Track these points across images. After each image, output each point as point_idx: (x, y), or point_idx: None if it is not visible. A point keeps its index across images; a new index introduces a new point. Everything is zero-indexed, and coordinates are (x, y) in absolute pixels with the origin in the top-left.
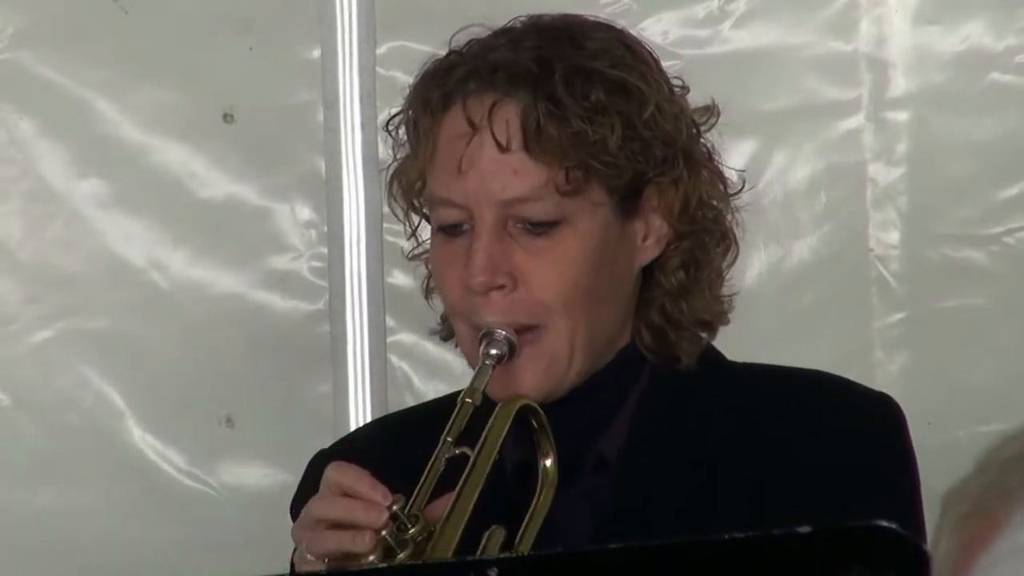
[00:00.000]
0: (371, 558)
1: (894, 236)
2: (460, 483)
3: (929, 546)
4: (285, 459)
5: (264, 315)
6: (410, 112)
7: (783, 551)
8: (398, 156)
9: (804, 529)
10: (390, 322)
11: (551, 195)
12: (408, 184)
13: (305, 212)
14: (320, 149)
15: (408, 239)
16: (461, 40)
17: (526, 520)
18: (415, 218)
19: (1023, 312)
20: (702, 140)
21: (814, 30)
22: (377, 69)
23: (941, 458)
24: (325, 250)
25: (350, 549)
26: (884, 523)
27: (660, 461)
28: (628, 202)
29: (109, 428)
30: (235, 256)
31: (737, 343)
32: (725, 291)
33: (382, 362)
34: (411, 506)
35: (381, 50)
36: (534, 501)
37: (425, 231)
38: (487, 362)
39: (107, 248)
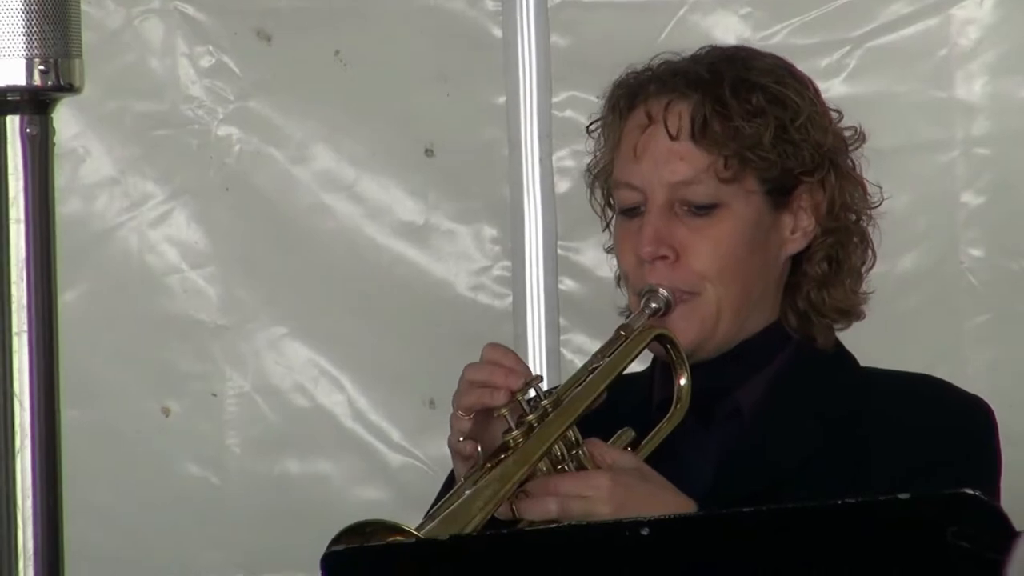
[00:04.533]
0: (503, 411)
1: (980, 251)
2: (581, 384)
3: None
4: None
5: (460, 314)
6: (604, 114)
7: (887, 515)
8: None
9: (904, 496)
10: (563, 322)
11: (711, 179)
12: (602, 177)
13: (492, 231)
14: (505, 179)
15: (603, 231)
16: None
17: (657, 428)
18: (609, 213)
19: None
20: (849, 157)
21: (916, 80)
22: (553, 113)
23: (1021, 435)
24: (508, 263)
25: (487, 403)
26: (971, 491)
27: (787, 418)
28: (780, 197)
29: (333, 408)
30: (434, 266)
31: (855, 340)
32: (863, 290)
33: (556, 355)
34: (546, 399)
35: (557, 98)
36: (669, 412)
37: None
38: (645, 310)
39: (329, 260)
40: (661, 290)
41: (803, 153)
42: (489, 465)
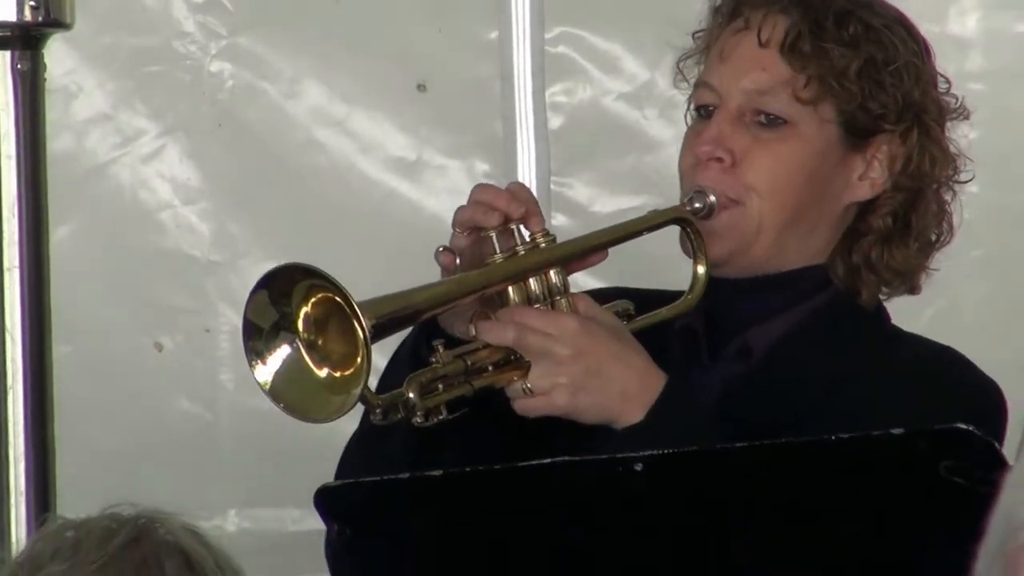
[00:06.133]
0: (491, 233)
1: (974, 186)
2: (540, 248)
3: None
4: None
5: None
6: (708, 21)
7: (881, 449)
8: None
9: (898, 431)
10: None
11: (787, 95)
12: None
13: (484, 167)
14: (497, 115)
15: None
16: None
17: (658, 310)
18: None
19: None
20: (942, 125)
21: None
22: (546, 48)
23: (1012, 371)
24: None
25: (479, 221)
26: (964, 426)
27: (795, 368)
28: (855, 138)
29: None
30: (426, 201)
31: None
32: (929, 265)
33: None
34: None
35: (550, 34)
36: (680, 299)
37: None
38: (686, 207)
39: (321, 195)
40: (709, 194)
41: (888, 98)
42: None
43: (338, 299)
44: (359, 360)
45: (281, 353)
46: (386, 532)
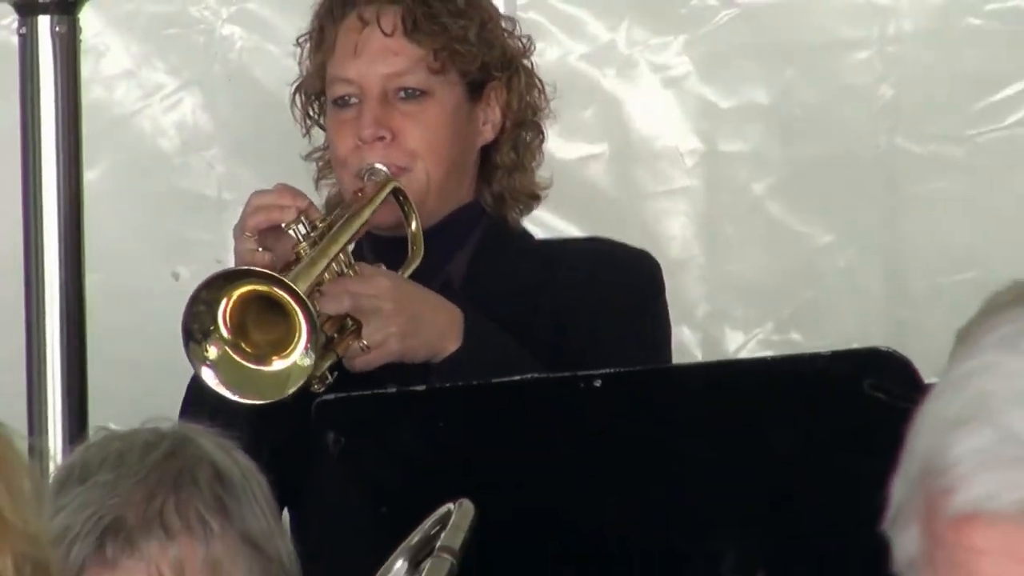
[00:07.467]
0: (290, 225)
1: (895, 138)
2: (335, 227)
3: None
4: None
5: None
6: (316, 24)
7: (806, 370)
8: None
9: (826, 352)
10: None
11: (422, 71)
12: (304, 88)
13: None
14: None
15: (304, 136)
16: None
17: (402, 268)
18: (308, 122)
19: (990, 192)
20: (529, 60)
21: None
22: (517, 14)
23: (927, 299)
24: None
25: (276, 219)
26: (885, 348)
27: (491, 288)
28: (475, 92)
29: None
30: None
31: (776, 215)
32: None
33: None
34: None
35: (521, 0)
36: (409, 257)
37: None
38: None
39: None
40: (380, 166)
41: (496, 51)
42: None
43: (261, 286)
44: (299, 328)
45: (221, 361)
46: (375, 442)
